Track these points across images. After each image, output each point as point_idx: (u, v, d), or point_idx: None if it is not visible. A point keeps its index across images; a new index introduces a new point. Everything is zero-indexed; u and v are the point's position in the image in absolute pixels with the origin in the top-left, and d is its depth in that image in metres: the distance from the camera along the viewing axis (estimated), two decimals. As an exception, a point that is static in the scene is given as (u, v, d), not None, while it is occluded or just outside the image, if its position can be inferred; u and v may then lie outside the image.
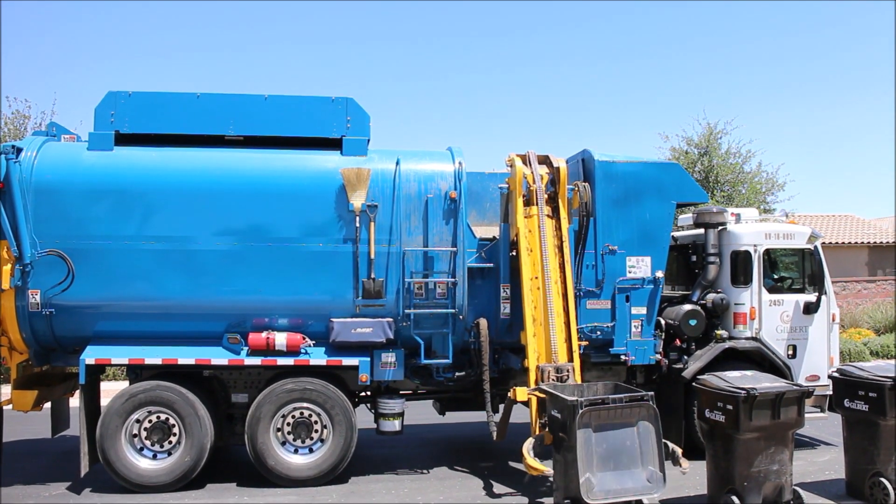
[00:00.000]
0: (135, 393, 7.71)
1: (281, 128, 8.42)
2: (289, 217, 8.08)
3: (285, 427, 7.95)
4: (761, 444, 6.49)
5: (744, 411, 6.34)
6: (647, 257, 8.89)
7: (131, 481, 7.65)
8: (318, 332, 8.15)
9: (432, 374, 8.56)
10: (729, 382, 6.67)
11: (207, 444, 7.78)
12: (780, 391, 6.48)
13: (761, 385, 6.55)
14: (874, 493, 6.98)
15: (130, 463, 7.66)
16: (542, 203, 8.30)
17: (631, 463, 6.35)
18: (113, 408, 7.67)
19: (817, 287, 9.19)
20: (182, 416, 7.71)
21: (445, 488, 7.89)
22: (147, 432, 7.75)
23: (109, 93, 8.21)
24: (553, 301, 8.03)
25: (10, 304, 7.71)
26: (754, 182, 23.55)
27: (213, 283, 7.97)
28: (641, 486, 6.31)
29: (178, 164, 8.09)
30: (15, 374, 8.16)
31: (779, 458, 6.56)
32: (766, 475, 6.50)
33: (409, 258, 8.21)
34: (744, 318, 9.07)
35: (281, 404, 7.89)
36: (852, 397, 7.20)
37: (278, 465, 7.85)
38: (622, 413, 6.42)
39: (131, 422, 7.71)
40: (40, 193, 7.79)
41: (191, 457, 7.70)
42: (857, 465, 7.23)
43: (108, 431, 7.61)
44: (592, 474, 6.17)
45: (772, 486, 6.52)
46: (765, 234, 9.22)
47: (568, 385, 7.09)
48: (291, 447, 7.96)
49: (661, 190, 8.93)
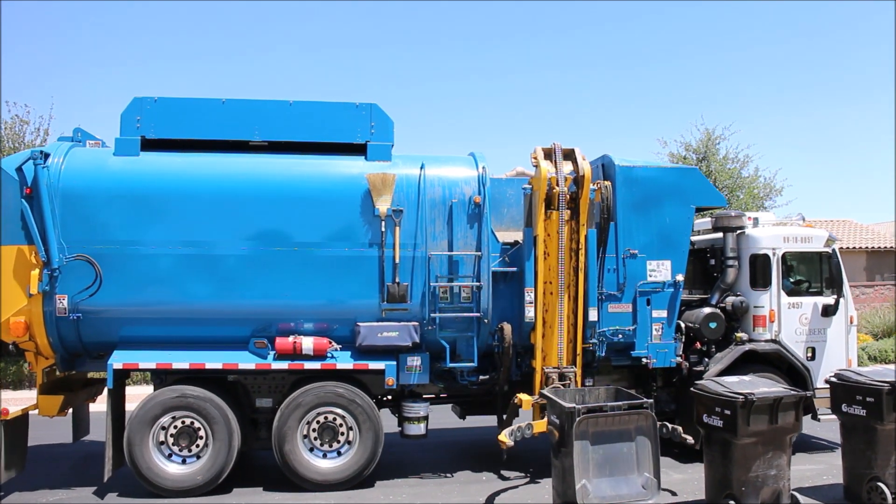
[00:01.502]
0: (163, 398, 7.73)
1: (305, 133, 8.47)
2: (314, 222, 8.12)
3: (311, 432, 7.97)
4: (759, 448, 6.49)
5: (742, 416, 6.34)
6: (668, 261, 8.97)
7: (160, 486, 7.66)
8: (343, 337, 8.19)
9: (456, 377, 8.60)
10: (727, 387, 6.68)
11: (235, 448, 7.80)
12: (778, 396, 6.49)
13: (759, 390, 6.56)
14: (872, 498, 6.99)
15: (158, 468, 7.67)
16: (563, 207, 8.36)
17: (627, 469, 6.35)
18: (140, 412, 7.69)
19: (835, 290, 9.29)
20: (210, 421, 7.73)
21: (470, 493, 7.91)
22: (174, 437, 7.77)
23: (135, 99, 8.26)
24: (562, 304, 8.19)
25: (37, 310, 7.72)
26: (752, 187, 23.74)
27: (239, 287, 8.00)
28: (636, 492, 6.30)
29: (204, 170, 8.14)
30: (41, 380, 8.17)
31: (776, 463, 6.56)
32: (763, 480, 6.50)
33: (433, 262, 8.26)
34: (763, 320, 9.15)
35: (308, 409, 7.92)
36: (850, 402, 7.20)
37: (306, 470, 7.87)
38: (620, 420, 6.39)
39: (158, 426, 7.72)
40: (68, 198, 7.82)
41: (219, 461, 7.71)
42: (855, 470, 7.24)
43: (135, 436, 7.62)
44: (588, 480, 6.18)
45: (770, 491, 6.53)
46: (783, 237, 9.32)
47: (569, 390, 7.11)
48: (319, 452, 7.98)
49: (680, 194, 9.01)
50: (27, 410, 7.99)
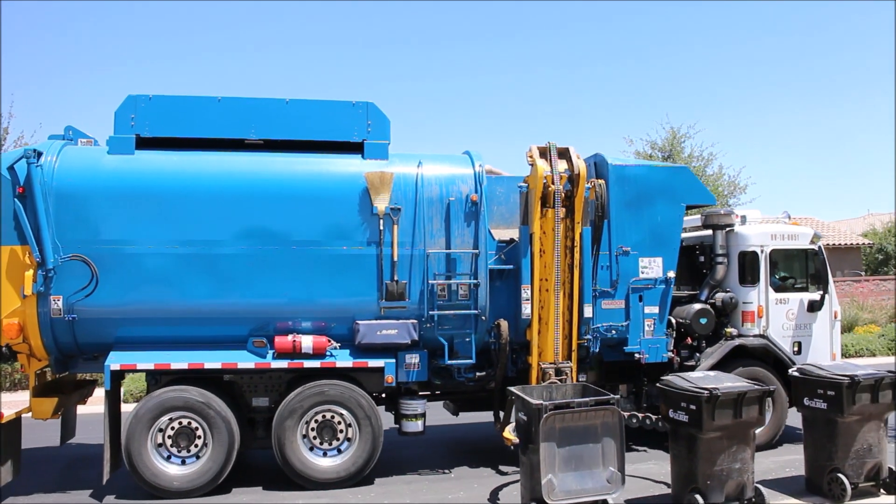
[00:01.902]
0: (162, 398, 7.66)
1: (302, 132, 8.45)
2: (312, 220, 8.11)
3: (310, 431, 7.97)
4: (724, 442, 6.57)
5: (707, 411, 6.42)
6: (659, 258, 9.13)
7: (159, 487, 7.59)
8: (341, 335, 8.20)
9: (453, 374, 8.65)
10: (692, 383, 6.77)
11: (235, 448, 7.77)
12: (741, 391, 6.58)
13: (723, 385, 6.65)
14: (832, 489, 7.11)
15: (157, 469, 7.60)
16: (558, 205, 8.47)
17: (593, 464, 6.42)
18: (139, 413, 7.61)
19: (821, 286, 9.53)
20: (210, 421, 7.68)
21: (471, 488, 7.97)
22: (172, 438, 7.70)
23: (129, 96, 8.16)
24: (559, 300, 8.33)
25: (31, 311, 7.61)
26: (717, 185, 24.19)
27: (237, 286, 7.97)
28: (601, 486, 6.38)
29: (201, 168, 8.08)
30: (33, 382, 8.04)
31: (741, 457, 6.64)
32: (728, 473, 6.59)
33: (431, 260, 8.30)
34: (752, 316, 9.36)
35: (308, 407, 7.91)
36: (811, 396, 7.34)
37: (306, 469, 7.87)
38: (587, 416, 6.44)
39: (157, 427, 7.65)
40: (62, 197, 7.70)
41: (219, 461, 7.67)
42: (817, 462, 7.36)
43: (134, 438, 7.55)
44: (554, 475, 6.23)
45: (734, 484, 6.61)
46: (771, 234, 9.54)
47: (536, 387, 7.16)
48: (319, 450, 7.98)
49: (671, 193, 9.18)
50: (21, 413, 7.87)
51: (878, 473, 7.23)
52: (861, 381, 7.05)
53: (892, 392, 7.23)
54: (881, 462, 7.25)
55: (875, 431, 7.23)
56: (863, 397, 7.08)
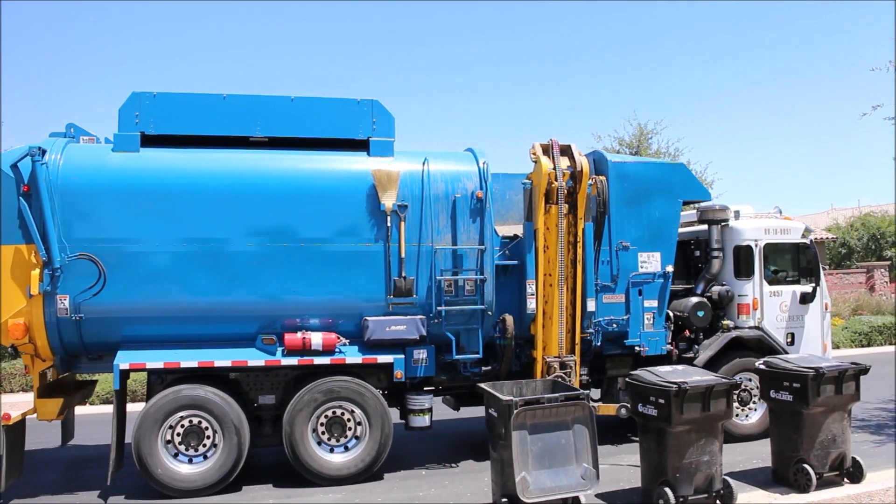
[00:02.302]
0: (172, 397, 7.62)
1: (307, 129, 8.47)
2: (320, 218, 8.14)
3: (320, 427, 8.00)
4: (692, 436, 6.60)
5: (675, 405, 6.45)
6: (658, 253, 9.34)
7: (170, 487, 7.56)
8: (348, 331, 8.24)
9: (459, 369, 8.75)
10: (661, 377, 6.80)
11: (246, 446, 7.76)
12: (709, 384, 6.62)
13: (691, 379, 6.71)
14: (798, 479, 7.22)
15: (168, 468, 7.57)
16: (562, 201, 8.61)
17: (566, 460, 6.38)
18: (150, 412, 7.56)
19: (813, 278, 9.82)
20: (221, 419, 7.66)
21: (482, 481, 8.00)
22: (182, 437, 7.67)
23: (133, 94, 8.10)
24: (563, 295, 8.49)
25: (38, 311, 7.52)
26: None
27: (245, 284, 7.96)
28: (576, 483, 6.34)
29: (207, 166, 8.05)
30: (37, 383, 7.94)
31: (709, 450, 6.68)
32: (697, 466, 6.62)
33: (438, 256, 8.38)
34: (747, 308, 9.61)
35: (318, 404, 7.94)
36: (777, 388, 7.45)
37: (317, 465, 7.90)
38: (558, 412, 6.41)
39: (167, 426, 7.61)
40: (68, 196, 7.62)
41: (230, 459, 7.66)
42: (783, 453, 7.47)
43: (144, 437, 7.50)
44: (528, 473, 6.19)
45: (703, 477, 6.65)
46: (764, 229, 9.80)
47: (506, 383, 7.19)
48: (328, 446, 8.01)
49: (668, 189, 9.39)
50: (26, 415, 7.77)
51: (841, 463, 7.36)
52: (825, 373, 7.17)
53: (855, 383, 7.37)
54: (845, 452, 7.38)
55: (839, 422, 7.34)
56: (827, 389, 7.20)
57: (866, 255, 34.34)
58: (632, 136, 24.81)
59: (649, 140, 24.71)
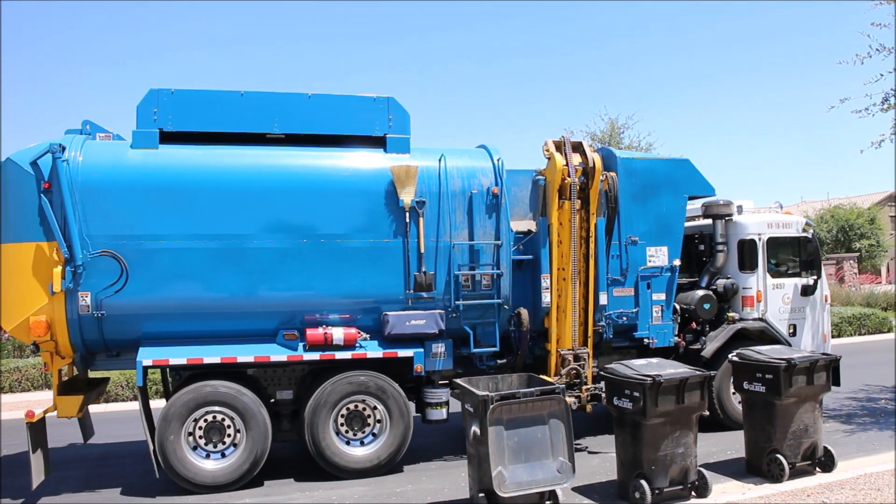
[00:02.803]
0: (196, 393, 7.64)
1: (324, 126, 8.53)
2: (339, 214, 8.20)
3: (339, 418, 8.08)
4: (667, 428, 6.66)
5: (650, 397, 6.51)
6: (665, 247, 9.56)
7: (194, 482, 7.59)
8: (366, 326, 8.32)
9: (475, 362, 8.88)
10: (635, 370, 6.87)
11: (269, 441, 7.82)
12: (683, 377, 6.70)
13: (666, 372, 6.76)
14: (771, 469, 7.32)
15: (191, 464, 7.60)
16: (574, 196, 8.78)
17: (542, 455, 6.38)
18: (173, 408, 7.58)
19: (814, 271, 10.11)
20: (245, 415, 7.71)
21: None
22: (203, 433, 7.71)
23: (151, 90, 8.09)
24: (576, 289, 8.67)
25: (59, 308, 7.50)
26: None
27: (266, 280, 8.01)
28: (552, 476, 6.36)
29: (228, 162, 8.08)
30: (57, 380, 7.92)
31: (684, 442, 6.76)
32: (672, 458, 6.69)
33: (455, 252, 8.50)
34: (751, 300, 9.88)
35: (340, 398, 8.01)
36: (751, 379, 7.52)
37: (339, 458, 7.98)
38: (534, 406, 6.40)
39: (191, 422, 7.64)
40: (88, 192, 7.61)
41: (253, 454, 7.71)
42: (756, 444, 7.54)
43: (167, 433, 7.52)
44: (504, 467, 6.20)
45: (678, 469, 6.73)
46: (767, 223, 10.08)
47: (482, 378, 7.27)
48: (351, 440, 8.10)
49: (674, 184, 9.61)
50: (47, 412, 7.75)
51: (813, 453, 7.47)
52: (797, 364, 7.25)
53: (826, 374, 7.50)
54: (816, 442, 7.49)
55: (811, 412, 7.44)
56: (799, 380, 7.28)
57: (836, 247, 35.16)
58: (603, 132, 25.01)
59: (621, 135, 24.93)
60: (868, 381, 12.94)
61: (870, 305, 24.23)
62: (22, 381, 15.08)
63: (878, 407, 10.90)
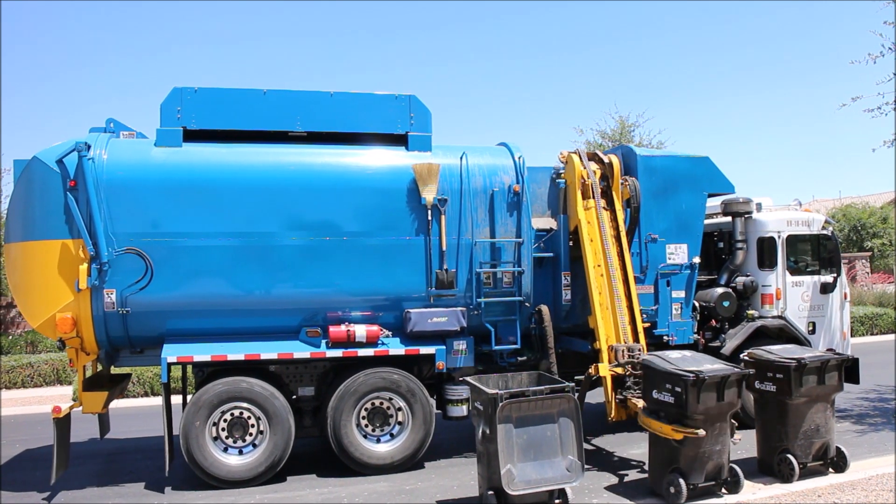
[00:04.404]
0: (221, 389, 7.68)
1: (346, 124, 8.55)
2: (362, 211, 8.23)
3: (363, 414, 8.12)
4: (706, 425, 6.63)
5: (692, 394, 6.48)
6: (684, 245, 9.55)
7: (218, 477, 7.63)
8: (388, 323, 8.34)
9: (495, 359, 8.89)
10: (674, 365, 6.82)
11: (292, 436, 7.86)
12: (725, 374, 6.68)
13: (706, 368, 6.71)
14: (782, 469, 7.31)
15: (216, 459, 7.64)
16: (598, 196, 8.80)
17: (551, 453, 6.37)
18: (198, 404, 7.62)
19: (834, 269, 10.09)
20: (269, 411, 7.75)
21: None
22: (227, 428, 7.75)
23: (175, 89, 8.13)
24: (618, 286, 8.56)
25: (85, 305, 7.55)
26: None
27: (289, 277, 8.04)
28: (561, 475, 6.34)
29: (251, 160, 8.11)
30: (82, 377, 7.97)
31: (721, 439, 6.74)
32: (709, 455, 6.70)
33: (477, 249, 8.52)
34: (770, 298, 9.87)
35: (362, 395, 8.05)
36: (762, 379, 7.48)
37: (362, 454, 8.01)
38: (543, 404, 6.40)
39: (215, 417, 7.68)
40: (114, 190, 7.65)
41: (277, 450, 7.75)
42: (768, 443, 7.54)
43: (192, 428, 7.56)
44: (513, 465, 6.20)
45: (713, 465, 6.75)
46: (787, 221, 10.06)
47: (492, 377, 7.25)
48: (373, 437, 8.14)
49: (694, 182, 9.60)
50: (72, 408, 7.80)
51: (825, 453, 7.44)
52: (808, 364, 7.22)
53: (837, 374, 7.44)
54: (829, 442, 7.45)
55: (822, 412, 7.41)
56: (810, 379, 7.25)
57: (848, 246, 34.99)
58: (613, 130, 24.90)
59: (631, 133, 24.82)
60: (880, 382, 12.89)
61: (882, 305, 24.11)
62: (35, 377, 15.21)
63: (890, 408, 10.86)
